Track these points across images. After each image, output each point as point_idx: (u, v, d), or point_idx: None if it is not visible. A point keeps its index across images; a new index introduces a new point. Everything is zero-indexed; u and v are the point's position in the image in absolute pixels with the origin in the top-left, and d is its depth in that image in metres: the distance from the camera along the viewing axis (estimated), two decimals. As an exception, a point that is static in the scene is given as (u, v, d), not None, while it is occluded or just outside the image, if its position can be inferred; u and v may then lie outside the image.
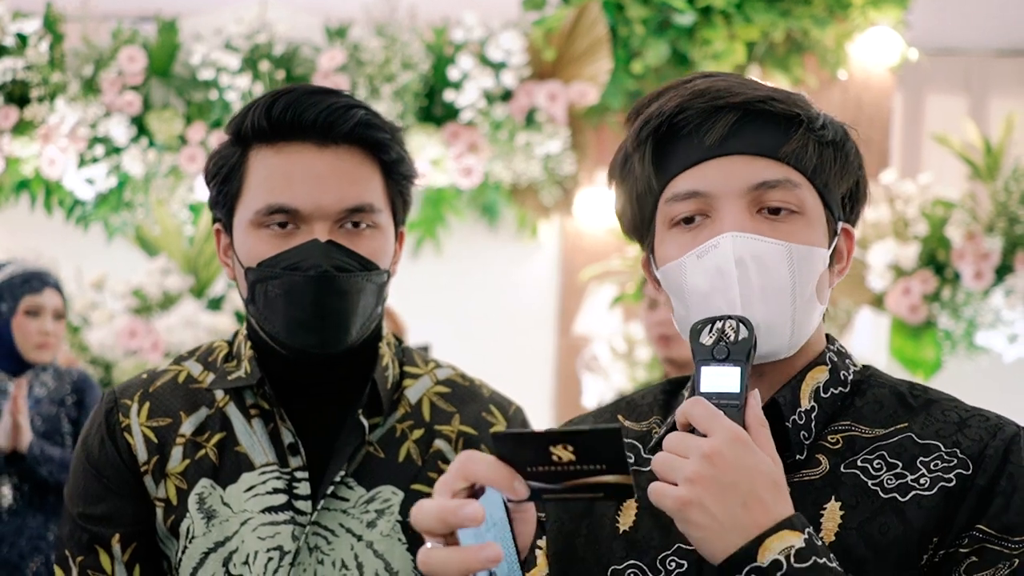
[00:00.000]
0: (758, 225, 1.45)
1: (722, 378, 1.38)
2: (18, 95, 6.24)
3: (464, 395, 1.92)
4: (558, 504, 1.57)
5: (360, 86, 5.98)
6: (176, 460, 1.81)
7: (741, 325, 1.41)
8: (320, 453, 1.80)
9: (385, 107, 5.90)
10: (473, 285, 6.28)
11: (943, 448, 1.45)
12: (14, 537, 4.05)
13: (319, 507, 1.77)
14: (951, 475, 1.42)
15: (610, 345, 5.69)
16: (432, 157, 6.00)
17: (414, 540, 1.79)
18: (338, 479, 1.78)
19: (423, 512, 1.26)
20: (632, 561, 1.49)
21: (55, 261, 4.70)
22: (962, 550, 1.39)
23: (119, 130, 6.10)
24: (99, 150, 6.14)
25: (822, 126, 1.49)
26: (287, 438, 1.80)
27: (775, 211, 1.46)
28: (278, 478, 1.78)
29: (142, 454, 1.82)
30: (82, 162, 6.16)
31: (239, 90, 6.03)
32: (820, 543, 1.31)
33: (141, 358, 5.31)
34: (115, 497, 1.82)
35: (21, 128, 6.18)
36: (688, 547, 1.44)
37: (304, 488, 1.78)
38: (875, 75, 6.42)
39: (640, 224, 1.56)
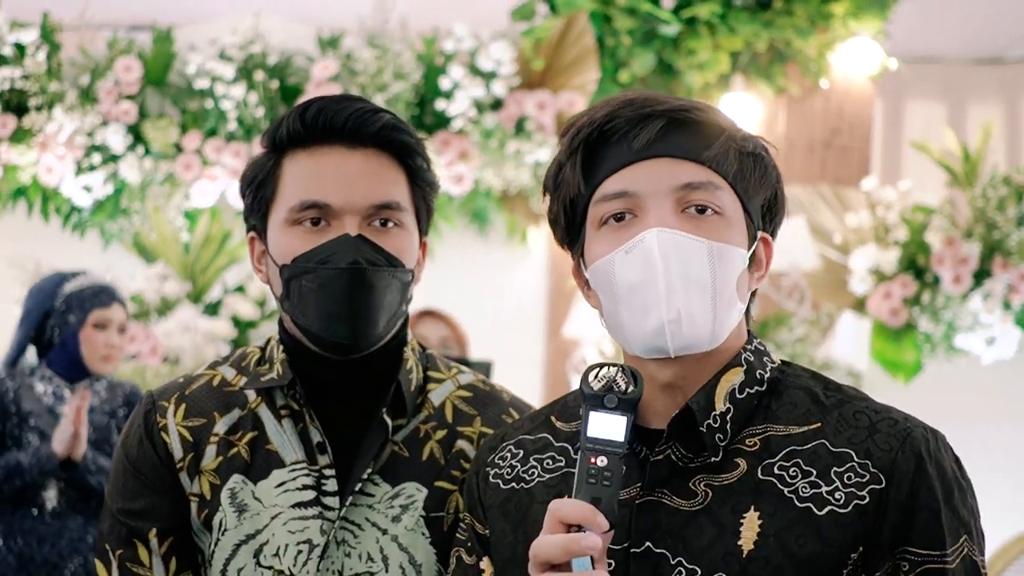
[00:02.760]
0: (682, 223, 1.53)
1: (608, 425, 1.45)
2: (16, 104, 6.28)
3: (485, 399, 1.99)
4: (503, 514, 1.67)
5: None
6: (210, 457, 1.88)
7: (632, 376, 1.48)
8: (347, 452, 1.87)
9: (377, 116, 5.97)
10: (464, 290, 6.34)
11: (855, 457, 1.50)
12: (55, 538, 4.11)
13: (347, 503, 1.83)
14: (864, 492, 1.48)
15: (598, 348, 5.79)
16: (424, 165, 6.07)
17: (437, 535, 1.86)
18: (365, 476, 1.84)
19: (546, 544, 1.41)
20: None
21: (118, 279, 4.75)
22: (903, 571, 1.47)
23: (116, 138, 6.16)
24: (96, 158, 6.19)
25: (743, 138, 1.58)
26: (315, 437, 1.86)
27: (701, 210, 1.54)
28: (307, 475, 1.85)
29: (178, 452, 1.90)
30: (79, 170, 6.20)
31: (234, 99, 6.09)
32: None
33: (140, 362, 5.40)
34: (152, 493, 1.89)
35: (19, 136, 6.24)
36: (615, 547, 1.51)
37: (332, 485, 1.84)
38: (856, 84, 6.53)
39: (571, 229, 1.63)
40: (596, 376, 1.48)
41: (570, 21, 6.14)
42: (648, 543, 1.52)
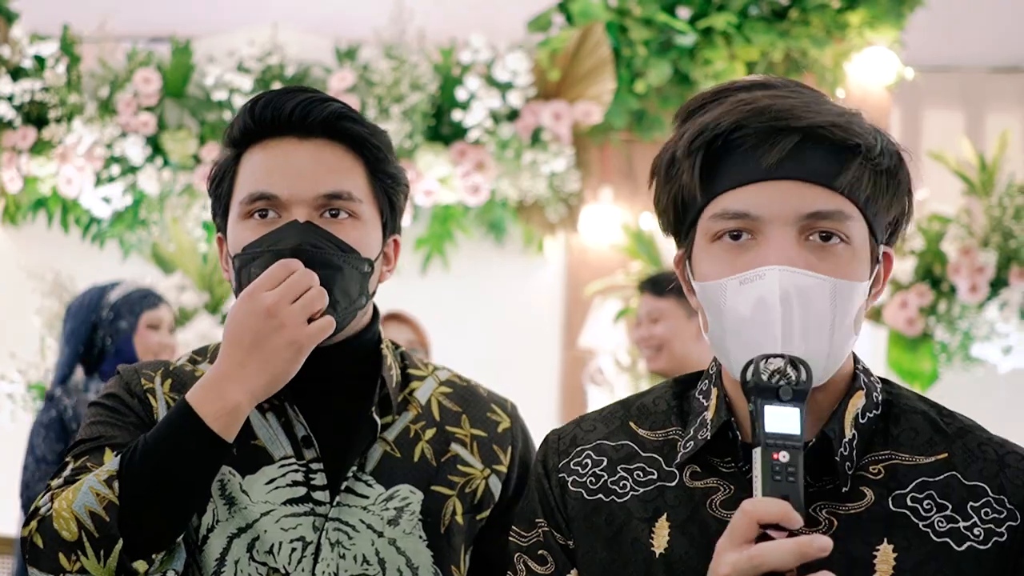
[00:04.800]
0: (805, 256, 1.43)
1: (784, 419, 1.37)
2: (36, 116, 6.34)
3: (465, 395, 1.99)
4: (590, 527, 1.58)
5: (370, 106, 6.08)
6: None
7: (801, 367, 1.39)
8: (334, 449, 1.85)
9: (394, 127, 5.99)
10: (480, 300, 6.36)
11: (990, 492, 1.45)
12: None
13: (336, 501, 1.81)
14: (1003, 528, 1.43)
15: (614, 358, 5.79)
16: (440, 175, 6.10)
17: (433, 538, 1.85)
18: (351, 474, 1.83)
19: (776, 551, 1.30)
20: None
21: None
22: None
23: (135, 150, 6.21)
24: (115, 169, 6.25)
25: (879, 153, 1.46)
26: (300, 431, 1.84)
27: (826, 237, 1.43)
28: (296, 471, 1.82)
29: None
30: (98, 181, 6.26)
31: (251, 111, 6.12)
32: None
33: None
34: (134, 435, 1.81)
35: (39, 148, 6.29)
36: None
37: (320, 479, 1.82)
38: (872, 93, 6.52)
39: (680, 228, 1.53)
40: (762, 368, 1.40)
41: (586, 32, 6.15)
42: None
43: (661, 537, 1.52)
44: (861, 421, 1.50)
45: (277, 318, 1.68)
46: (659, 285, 4.26)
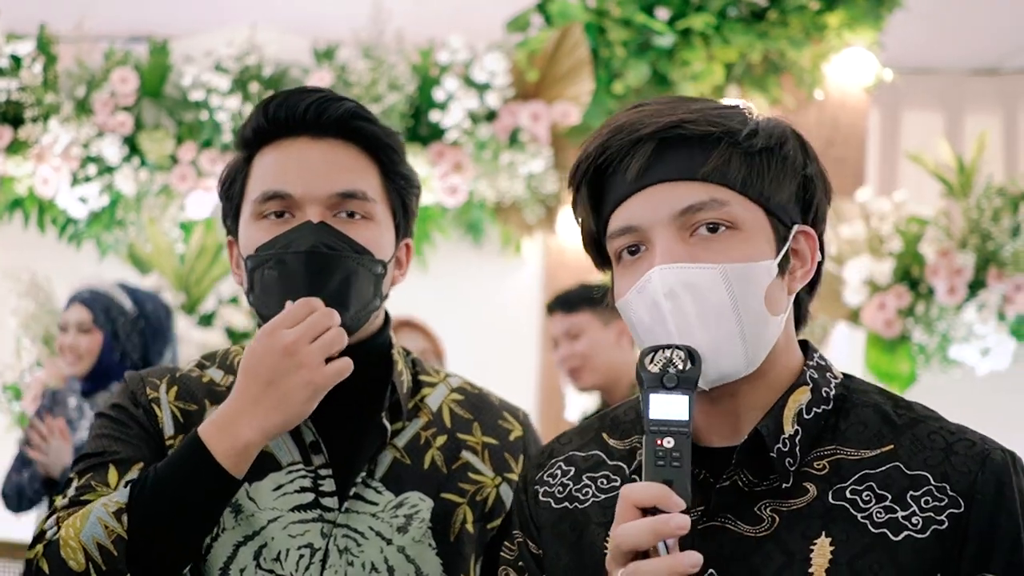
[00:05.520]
0: (691, 249, 1.45)
1: (671, 406, 1.41)
2: (12, 115, 6.30)
3: (476, 402, 1.98)
4: (556, 534, 1.61)
5: (348, 107, 6.06)
6: None
7: (688, 354, 1.42)
8: (343, 455, 1.83)
9: (372, 127, 5.98)
10: (458, 301, 6.35)
11: (932, 481, 1.43)
12: None
13: (345, 507, 1.80)
14: (943, 516, 1.41)
15: (592, 359, 5.78)
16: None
17: (443, 546, 1.84)
18: (359, 480, 1.81)
19: (633, 530, 1.33)
20: None
21: (98, 278, 4.70)
22: None
23: (111, 150, 6.17)
24: (92, 169, 6.21)
25: (749, 135, 1.48)
26: (308, 437, 1.83)
27: (713, 228, 1.45)
28: (304, 477, 1.81)
29: (168, 428, 1.83)
30: (75, 181, 6.22)
31: (229, 111, 6.10)
32: None
33: (134, 373, 5.38)
34: (139, 449, 1.81)
35: (15, 148, 6.26)
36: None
37: (329, 485, 1.81)
38: (851, 95, 6.52)
39: (600, 259, 1.58)
40: (652, 359, 1.44)
41: (564, 33, 6.15)
42: (711, 570, 1.45)
43: None
44: (806, 416, 1.50)
45: (295, 357, 1.66)
46: (568, 302, 4.24)
